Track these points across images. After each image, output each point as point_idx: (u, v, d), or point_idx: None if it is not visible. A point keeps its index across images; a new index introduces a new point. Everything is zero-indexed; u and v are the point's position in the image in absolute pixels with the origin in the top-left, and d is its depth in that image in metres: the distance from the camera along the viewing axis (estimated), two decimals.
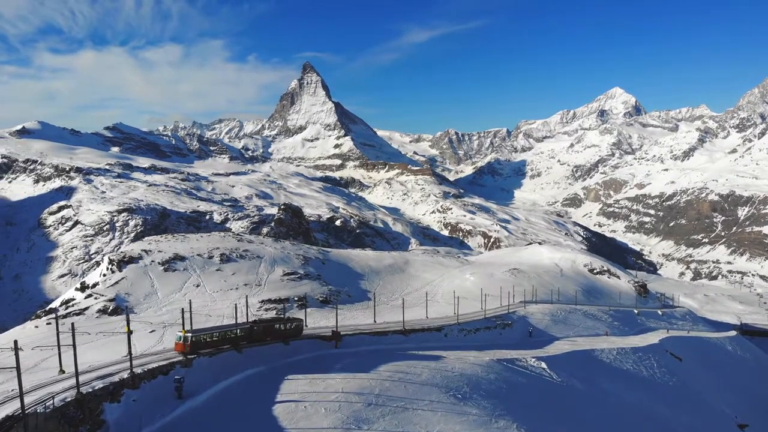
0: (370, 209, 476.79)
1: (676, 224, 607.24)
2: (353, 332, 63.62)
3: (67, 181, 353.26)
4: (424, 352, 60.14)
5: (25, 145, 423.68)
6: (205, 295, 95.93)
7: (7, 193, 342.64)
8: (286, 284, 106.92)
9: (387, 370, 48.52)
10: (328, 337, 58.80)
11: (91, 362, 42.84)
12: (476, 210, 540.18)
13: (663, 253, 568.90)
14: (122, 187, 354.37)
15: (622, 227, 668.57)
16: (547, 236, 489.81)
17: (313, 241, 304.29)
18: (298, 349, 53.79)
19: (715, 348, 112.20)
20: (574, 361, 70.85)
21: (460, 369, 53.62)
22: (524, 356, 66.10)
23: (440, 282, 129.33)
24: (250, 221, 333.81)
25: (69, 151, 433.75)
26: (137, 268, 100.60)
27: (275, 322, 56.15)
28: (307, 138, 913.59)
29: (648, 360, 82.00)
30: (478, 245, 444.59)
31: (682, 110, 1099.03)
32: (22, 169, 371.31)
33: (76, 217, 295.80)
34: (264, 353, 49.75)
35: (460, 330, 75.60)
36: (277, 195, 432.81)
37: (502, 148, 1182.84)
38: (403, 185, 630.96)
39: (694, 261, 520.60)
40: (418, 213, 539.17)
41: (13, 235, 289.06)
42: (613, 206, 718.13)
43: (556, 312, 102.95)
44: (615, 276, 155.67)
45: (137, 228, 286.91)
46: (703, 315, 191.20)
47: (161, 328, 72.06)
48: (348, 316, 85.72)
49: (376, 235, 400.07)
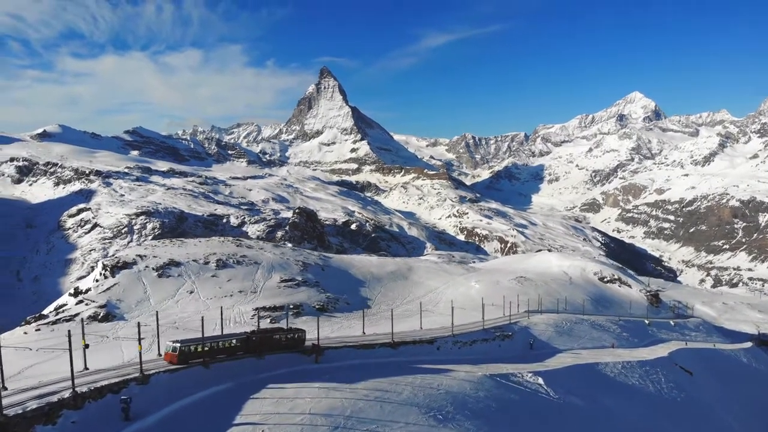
0: (385, 213, 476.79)
1: (696, 230, 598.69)
2: (338, 345, 60.77)
3: (87, 184, 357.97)
4: (415, 366, 57.60)
5: (45, 149, 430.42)
6: (198, 301, 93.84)
7: (27, 195, 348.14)
8: (282, 291, 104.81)
9: (365, 388, 45.51)
10: (308, 350, 55.11)
11: (65, 372, 40.35)
12: (493, 215, 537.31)
13: (683, 260, 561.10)
14: (141, 190, 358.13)
15: (642, 233, 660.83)
16: (565, 242, 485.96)
17: (327, 245, 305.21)
18: (274, 364, 50.16)
19: (729, 360, 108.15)
20: (574, 375, 67.83)
21: (447, 386, 50.86)
22: (520, 371, 62.90)
23: (444, 290, 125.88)
24: (266, 225, 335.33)
25: (89, 154, 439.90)
26: (130, 274, 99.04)
27: (275, 333, 54.58)
28: (324, 142, 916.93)
29: (655, 374, 78.57)
30: (495, 250, 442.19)
31: (702, 115, 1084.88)
32: (43, 172, 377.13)
33: (95, 219, 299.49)
34: (234, 368, 46.91)
35: (455, 342, 71.80)
36: (293, 199, 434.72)
37: (520, 153, 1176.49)
38: (419, 189, 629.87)
39: (715, 268, 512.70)
40: (434, 217, 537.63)
41: (33, 237, 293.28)
42: (632, 212, 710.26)
43: (561, 322, 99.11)
44: (626, 284, 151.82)
45: (155, 231, 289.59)
46: (721, 324, 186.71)
47: (152, 336, 69.59)
48: (345, 325, 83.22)
49: (392, 239, 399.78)
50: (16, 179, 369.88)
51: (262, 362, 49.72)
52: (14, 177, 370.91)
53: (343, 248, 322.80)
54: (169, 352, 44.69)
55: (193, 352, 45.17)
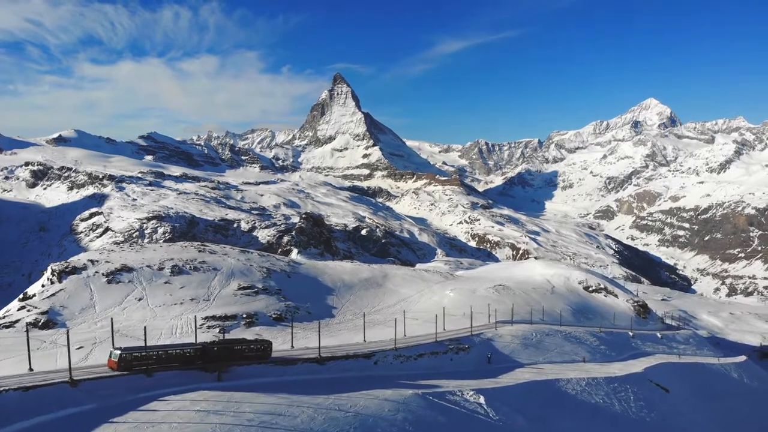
0: (396, 219, 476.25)
1: (711, 238, 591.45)
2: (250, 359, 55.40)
3: (100, 188, 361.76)
4: (342, 384, 51.39)
5: (61, 153, 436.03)
6: (146, 309, 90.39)
7: (42, 199, 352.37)
8: (238, 299, 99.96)
9: (254, 411, 39.30)
10: (209, 367, 49.56)
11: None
12: (505, 221, 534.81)
13: (697, 268, 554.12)
14: (153, 194, 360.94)
15: (656, 241, 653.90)
16: (578, 249, 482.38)
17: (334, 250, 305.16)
18: (162, 382, 44.22)
19: (717, 376, 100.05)
20: (528, 393, 61.56)
21: (362, 407, 44.29)
22: (463, 388, 56.25)
23: (418, 298, 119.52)
24: (277, 230, 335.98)
25: (104, 159, 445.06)
26: (78, 279, 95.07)
27: (236, 343, 52.80)
28: (336, 148, 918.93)
29: (624, 392, 72.10)
30: (507, 257, 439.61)
31: (718, 122, 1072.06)
32: (57, 176, 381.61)
33: (106, 223, 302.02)
34: (109, 386, 42.01)
35: (397, 356, 65.30)
36: (304, 204, 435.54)
37: (534, 159, 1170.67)
38: (430, 195, 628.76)
39: (730, 276, 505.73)
40: (445, 223, 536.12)
41: (46, 240, 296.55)
42: (647, 219, 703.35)
43: (530, 334, 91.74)
44: (612, 294, 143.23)
45: (165, 235, 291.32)
46: (727, 334, 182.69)
47: (90, 345, 66.64)
48: (299, 336, 77.97)
49: (402, 245, 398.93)
50: (31, 183, 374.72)
51: (150, 380, 44.48)
52: (29, 181, 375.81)
53: (350, 254, 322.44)
54: (111, 358, 44.82)
55: (136, 360, 44.42)
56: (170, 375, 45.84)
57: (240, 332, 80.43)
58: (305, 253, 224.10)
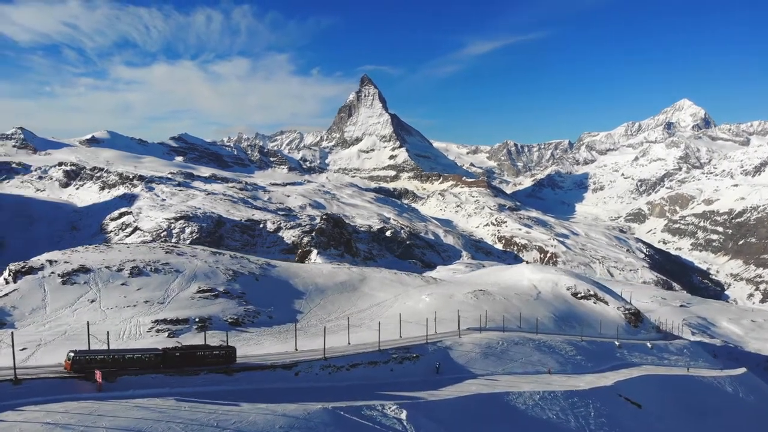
0: (421, 220, 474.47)
1: (745, 242, 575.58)
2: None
3: (130, 188, 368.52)
4: (248, 397, 46.04)
5: (93, 154, 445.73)
6: (97, 311, 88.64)
7: (74, 199, 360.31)
8: (195, 303, 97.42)
9: (111, 427, 34.92)
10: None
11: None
12: (533, 224, 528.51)
13: (731, 273, 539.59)
14: (182, 195, 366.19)
15: (688, 245, 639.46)
16: (607, 252, 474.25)
17: (354, 252, 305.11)
18: (32, 390, 40.37)
19: (707, 390, 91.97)
20: (466, 408, 55.21)
21: (251, 423, 38.42)
22: (385, 402, 50.18)
23: (392, 302, 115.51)
24: (302, 230, 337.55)
25: (135, 159, 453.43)
26: (33, 280, 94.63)
27: (199, 349, 52.17)
28: (363, 149, 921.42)
29: (584, 407, 64.48)
30: (534, 260, 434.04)
31: (753, 123, 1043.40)
32: (89, 176, 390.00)
33: (135, 223, 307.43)
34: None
35: (325, 367, 60.06)
36: (329, 205, 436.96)
37: (564, 161, 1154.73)
38: (456, 197, 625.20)
39: (764, 281, 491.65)
40: (472, 225, 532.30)
41: (77, 239, 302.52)
42: (679, 222, 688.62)
43: (496, 342, 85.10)
44: (602, 301, 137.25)
45: (192, 235, 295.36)
46: (746, 343, 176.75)
47: (35, 346, 65.46)
48: (253, 342, 74.85)
49: (427, 247, 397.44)
50: (64, 183, 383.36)
51: (19, 388, 40.72)
52: (62, 181, 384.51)
53: (371, 255, 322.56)
54: (65, 360, 45.44)
55: (90, 363, 44.36)
56: (43, 384, 42.20)
57: (191, 337, 78.52)
58: (325, 254, 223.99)
